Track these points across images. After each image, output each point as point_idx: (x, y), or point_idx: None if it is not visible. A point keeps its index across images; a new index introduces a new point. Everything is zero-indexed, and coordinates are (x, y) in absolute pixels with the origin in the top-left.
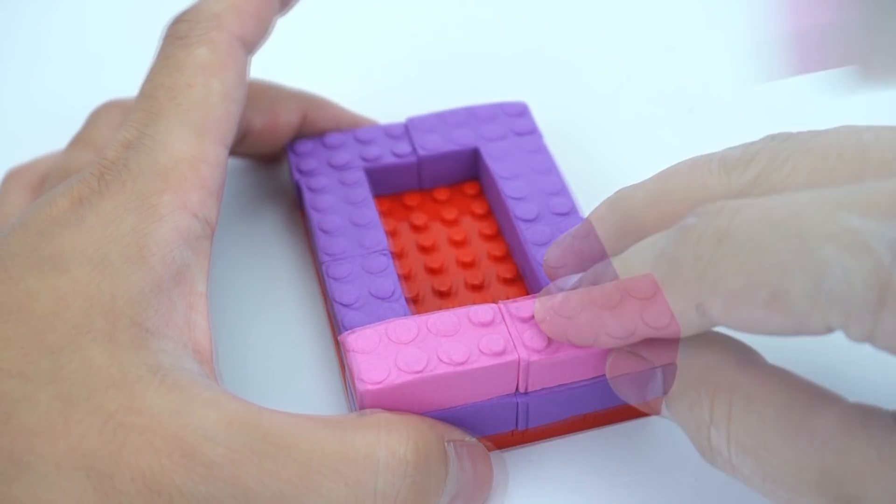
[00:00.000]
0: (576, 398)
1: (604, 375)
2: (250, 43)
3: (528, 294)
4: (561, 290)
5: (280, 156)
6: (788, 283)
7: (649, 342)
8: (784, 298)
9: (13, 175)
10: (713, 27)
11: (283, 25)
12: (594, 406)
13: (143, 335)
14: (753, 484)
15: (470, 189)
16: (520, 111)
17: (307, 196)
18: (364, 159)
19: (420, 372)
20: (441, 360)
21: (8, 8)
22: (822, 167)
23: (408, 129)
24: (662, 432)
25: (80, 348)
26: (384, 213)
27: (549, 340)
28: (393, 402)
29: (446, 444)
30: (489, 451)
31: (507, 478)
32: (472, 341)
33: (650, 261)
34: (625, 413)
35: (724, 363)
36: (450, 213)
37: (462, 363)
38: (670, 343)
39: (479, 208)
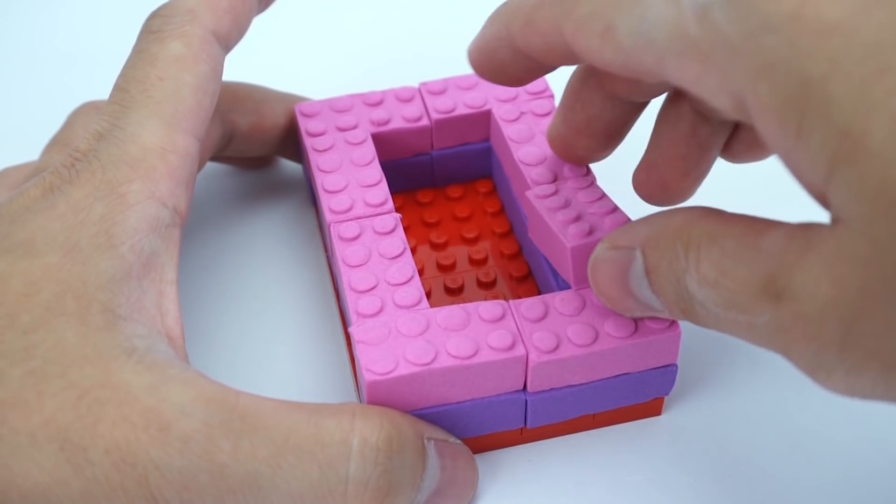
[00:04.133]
0: (584, 397)
1: (611, 376)
2: (225, 38)
3: (538, 291)
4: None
5: (269, 159)
6: (618, 18)
7: (623, 230)
8: (613, 33)
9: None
10: None
11: (284, 12)
12: (601, 406)
13: (115, 320)
14: (720, 319)
15: (483, 187)
16: None
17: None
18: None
19: (427, 364)
20: (448, 354)
21: (8, 8)
22: None
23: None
24: (665, 433)
25: (53, 329)
26: (397, 209)
27: (557, 340)
28: (399, 393)
29: (425, 440)
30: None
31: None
32: (481, 336)
33: None
34: (630, 413)
35: (695, 217)
36: (462, 211)
37: (469, 357)
38: (642, 223)
39: (491, 206)
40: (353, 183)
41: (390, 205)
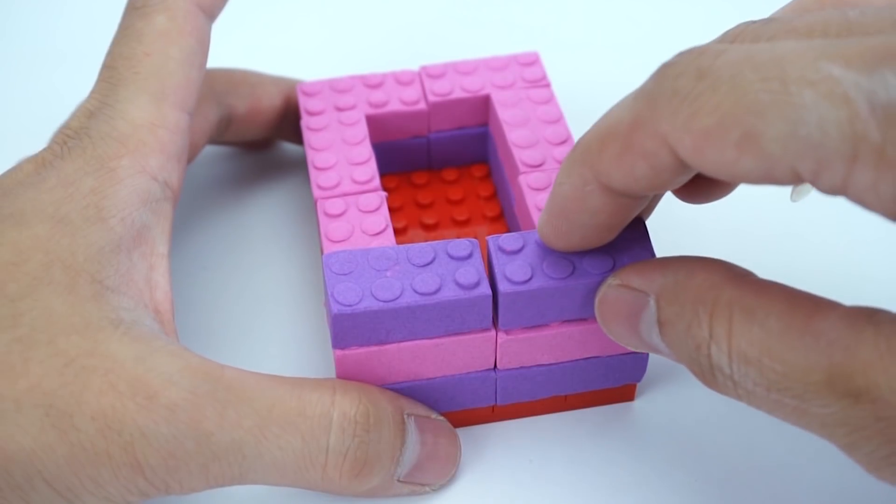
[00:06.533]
0: (553, 378)
1: (581, 358)
2: (209, 8)
3: None
4: None
5: (269, 142)
6: (763, 124)
7: (638, 270)
8: (757, 140)
9: None
10: None
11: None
12: (571, 388)
13: (103, 291)
14: (757, 397)
15: (478, 171)
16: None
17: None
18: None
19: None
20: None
21: (8, 8)
22: None
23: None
24: (636, 419)
25: (40, 298)
26: (391, 190)
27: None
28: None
29: (406, 416)
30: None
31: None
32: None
33: (629, 101)
34: (603, 398)
35: (719, 281)
36: (456, 194)
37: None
38: (659, 268)
39: (485, 190)
40: (342, 161)
41: (377, 182)
